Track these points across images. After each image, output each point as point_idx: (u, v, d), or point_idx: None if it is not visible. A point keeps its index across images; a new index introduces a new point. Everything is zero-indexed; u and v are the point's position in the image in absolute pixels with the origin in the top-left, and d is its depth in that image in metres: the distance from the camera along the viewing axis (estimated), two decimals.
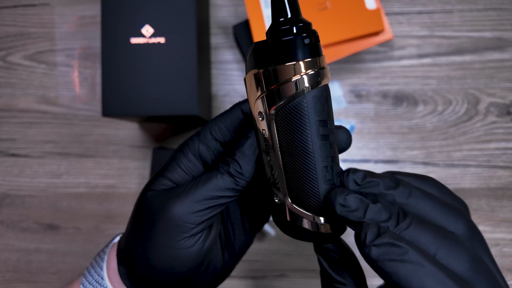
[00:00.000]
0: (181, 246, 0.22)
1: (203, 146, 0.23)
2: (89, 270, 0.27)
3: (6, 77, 0.56)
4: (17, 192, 0.56)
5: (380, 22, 0.48)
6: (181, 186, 0.23)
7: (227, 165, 0.22)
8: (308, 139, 0.19)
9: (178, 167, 0.24)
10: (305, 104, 0.19)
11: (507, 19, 0.55)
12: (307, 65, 0.19)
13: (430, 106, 0.54)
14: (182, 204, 0.22)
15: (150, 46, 0.45)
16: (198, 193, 0.22)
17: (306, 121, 0.19)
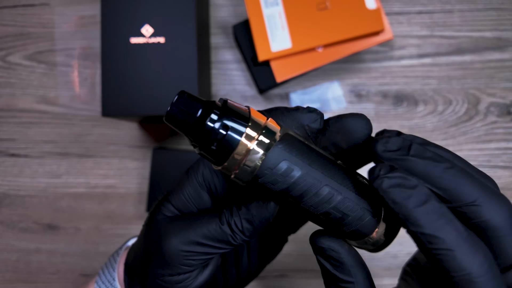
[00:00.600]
0: (170, 281, 0.22)
1: (206, 170, 0.22)
2: (103, 270, 0.28)
3: (6, 77, 0.56)
4: (16, 192, 0.56)
5: (380, 22, 0.48)
6: (180, 222, 0.22)
7: (230, 215, 0.21)
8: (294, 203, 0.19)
9: (181, 195, 0.23)
10: (265, 179, 0.18)
11: (507, 19, 0.55)
12: (241, 148, 0.17)
13: (430, 106, 0.54)
14: (175, 244, 0.21)
15: (150, 46, 0.45)
16: (193, 236, 0.21)
17: (276, 192, 0.19)
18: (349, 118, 0.20)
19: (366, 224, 0.19)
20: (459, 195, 0.17)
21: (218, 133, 0.17)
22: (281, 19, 0.49)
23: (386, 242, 0.20)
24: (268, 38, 0.49)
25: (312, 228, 0.22)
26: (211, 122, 0.17)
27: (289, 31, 0.49)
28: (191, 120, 0.17)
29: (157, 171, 0.52)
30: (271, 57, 0.49)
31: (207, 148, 0.18)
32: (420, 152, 0.18)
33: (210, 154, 0.18)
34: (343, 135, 0.20)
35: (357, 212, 0.19)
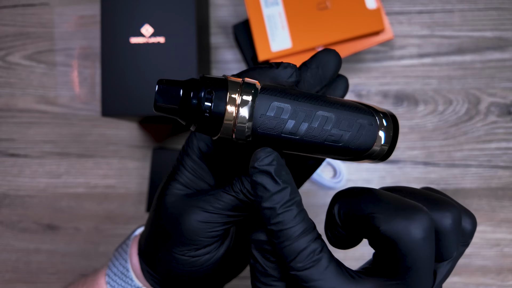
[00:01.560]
0: (196, 255, 0.23)
1: (202, 143, 0.23)
2: (113, 262, 0.28)
3: (6, 77, 0.56)
4: (16, 192, 0.56)
5: (381, 21, 0.48)
6: (193, 197, 0.23)
7: (241, 184, 0.22)
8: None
9: (184, 170, 0.24)
10: (263, 127, 0.19)
11: (508, 19, 0.55)
12: (229, 110, 0.18)
13: (430, 106, 0.54)
14: (195, 220, 0.22)
15: (150, 46, 0.45)
16: (211, 210, 0.22)
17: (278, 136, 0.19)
18: (322, 53, 0.22)
19: (367, 135, 0.20)
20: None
21: (204, 106, 0.18)
22: (281, 18, 0.49)
23: (390, 148, 0.21)
24: (268, 38, 0.49)
25: None
26: (194, 99, 0.18)
27: (289, 31, 0.49)
28: (176, 104, 0.18)
29: (157, 171, 0.52)
30: (271, 57, 0.49)
31: (200, 124, 0.18)
32: None
33: (205, 128, 0.19)
34: (321, 68, 0.21)
35: (355, 126, 0.20)
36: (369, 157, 0.21)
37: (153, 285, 0.26)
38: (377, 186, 0.55)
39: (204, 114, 0.18)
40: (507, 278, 0.53)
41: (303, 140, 0.19)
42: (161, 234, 0.24)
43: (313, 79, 0.21)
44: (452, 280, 0.53)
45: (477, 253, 0.53)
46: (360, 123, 0.20)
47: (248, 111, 0.18)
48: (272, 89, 0.19)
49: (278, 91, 0.19)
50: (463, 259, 0.53)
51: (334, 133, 0.19)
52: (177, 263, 0.23)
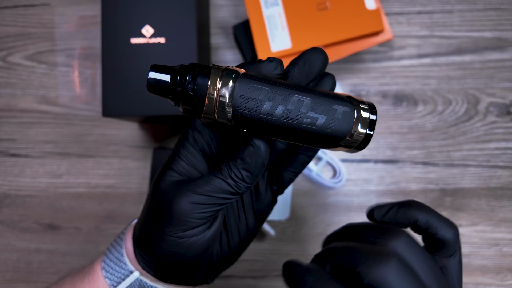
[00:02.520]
0: (185, 236, 0.24)
1: (197, 133, 0.25)
2: (110, 250, 0.29)
3: (6, 77, 0.56)
4: (17, 192, 0.56)
5: (380, 22, 0.48)
6: (185, 183, 0.24)
7: (229, 169, 0.23)
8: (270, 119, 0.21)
9: (179, 159, 0.25)
10: (242, 108, 0.21)
11: (507, 19, 0.55)
12: (210, 91, 0.21)
13: (430, 106, 0.54)
14: (185, 201, 0.23)
15: (150, 46, 0.45)
16: (201, 192, 0.23)
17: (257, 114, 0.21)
18: (310, 51, 0.23)
19: (343, 121, 0.21)
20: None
21: (188, 87, 0.20)
22: (281, 19, 0.49)
23: (366, 136, 0.22)
24: (268, 38, 0.49)
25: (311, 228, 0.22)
26: (180, 82, 0.20)
27: (289, 31, 0.49)
28: (166, 85, 0.20)
29: (157, 171, 0.53)
30: None
31: (186, 104, 0.21)
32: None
33: (190, 109, 0.21)
34: (308, 64, 0.23)
35: (331, 111, 0.21)
36: (345, 145, 0.22)
37: (145, 268, 0.28)
38: (376, 186, 0.55)
39: (189, 94, 0.20)
40: (506, 278, 0.53)
41: (280, 122, 0.21)
42: (153, 217, 0.25)
43: (300, 74, 0.23)
44: None
45: (476, 252, 0.53)
46: (337, 108, 0.21)
47: (228, 92, 0.20)
48: (253, 75, 0.21)
49: (258, 77, 0.21)
50: (463, 258, 0.53)
51: (310, 116, 0.21)
52: (166, 244, 0.25)
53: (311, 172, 0.53)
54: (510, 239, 0.54)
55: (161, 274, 0.28)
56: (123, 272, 0.28)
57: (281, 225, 0.54)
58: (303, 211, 0.54)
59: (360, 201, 0.54)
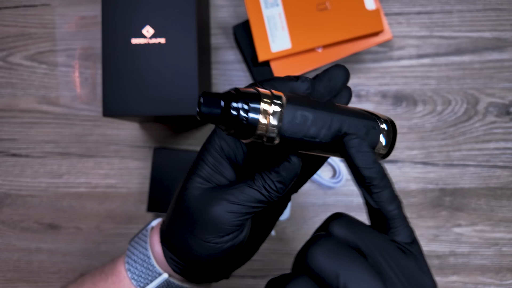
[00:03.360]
0: (221, 242, 0.26)
1: (224, 142, 0.26)
2: (131, 251, 0.30)
3: (7, 77, 0.56)
4: (18, 192, 0.56)
5: (380, 22, 0.48)
6: (218, 191, 0.25)
7: (263, 180, 0.25)
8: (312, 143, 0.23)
9: (206, 166, 0.26)
10: (289, 132, 0.22)
11: (506, 20, 0.55)
12: (262, 119, 0.22)
13: (429, 106, 0.55)
14: (223, 211, 0.25)
15: (151, 47, 0.45)
16: (236, 202, 0.25)
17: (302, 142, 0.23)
18: (335, 68, 0.25)
19: (371, 137, 0.24)
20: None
21: (241, 116, 0.21)
22: (281, 19, 0.49)
23: (390, 149, 0.25)
24: (268, 38, 0.49)
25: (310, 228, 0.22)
26: (234, 110, 0.21)
27: (289, 31, 0.49)
28: (218, 113, 0.21)
29: (157, 170, 0.53)
30: (271, 58, 0.49)
31: (238, 130, 0.22)
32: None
33: (241, 133, 0.22)
34: (332, 81, 0.25)
35: (361, 129, 0.24)
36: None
37: (176, 270, 0.29)
38: None
39: (242, 122, 0.21)
40: (505, 277, 0.53)
41: (321, 142, 0.23)
42: (188, 225, 0.26)
43: (325, 90, 0.25)
44: (450, 279, 0.54)
45: (476, 252, 0.54)
46: (366, 127, 0.24)
47: (278, 119, 0.22)
48: (295, 100, 0.23)
49: (301, 101, 0.23)
50: (462, 258, 0.54)
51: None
52: (204, 249, 0.26)
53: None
54: (510, 239, 0.54)
55: (191, 276, 0.29)
56: (150, 274, 0.29)
57: (281, 225, 0.54)
58: (303, 211, 0.54)
59: (360, 200, 0.54)
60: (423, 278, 0.21)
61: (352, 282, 0.19)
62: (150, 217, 0.55)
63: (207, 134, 0.55)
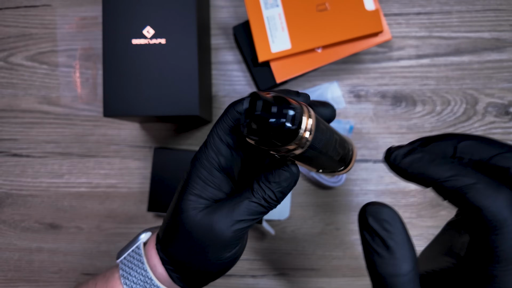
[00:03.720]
0: (227, 257, 0.26)
1: (221, 156, 0.25)
2: (128, 272, 0.29)
3: (8, 77, 0.57)
4: (19, 192, 0.56)
5: (379, 23, 0.49)
6: (219, 210, 0.25)
7: (263, 191, 0.25)
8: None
9: (200, 181, 0.26)
10: (316, 144, 0.23)
11: (505, 20, 0.55)
12: (303, 132, 0.22)
13: (428, 107, 0.55)
14: (229, 230, 0.25)
15: (151, 47, 0.45)
16: (241, 219, 0.25)
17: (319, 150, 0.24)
18: (325, 105, 0.27)
19: (346, 155, 0.27)
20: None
21: (288, 125, 0.21)
22: (280, 20, 0.49)
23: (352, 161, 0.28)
24: (268, 39, 0.49)
25: (310, 228, 0.23)
26: (284, 118, 0.21)
27: (289, 32, 0.49)
28: (274, 120, 0.21)
29: (158, 170, 0.53)
30: (271, 58, 0.49)
31: (274, 138, 0.21)
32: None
33: (270, 142, 0.22)
34: (321, 113, 0.27)
35: (348, 146, 0.27)
36: (343, 169, 0.28)
37: (181, 286, 0.29)
38: (375, 186, 0.56)
39: (285, 131, 0.21)
40: None
41: (326, 155, 0.24)
42: (193, 244, 0.26)
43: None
44: None
45: None
46: (346, 147, 0.27)
47: (311, 132, 0.22)
48: (319, 118, 0.23)
49: (321, 120, 0.24)
50: None
51: (340, 150, 0.26)
52: (212, 265, 0.26)
53: (310, 172, 0.53)
54: None
55: (191, 286, 0.29)
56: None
57: (281, 225, 0.54)
58: (302, 210, 0.54)
59: (359, 200, 0.54)
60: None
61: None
62: (151, 216, 0.55)
63: (207, 134, 0.55)
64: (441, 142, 0.22)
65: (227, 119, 0.25)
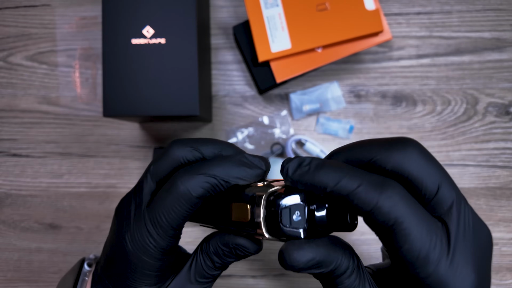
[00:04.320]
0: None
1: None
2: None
3: (8, 77, 0.57)
4: (18, 192, 0.56)
5: (379, 22, 0.49)
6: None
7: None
8: None
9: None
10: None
11: (506, 20, 0.55)
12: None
13: (429, 106, 0.55)
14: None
15: (151, 47, 0.45)
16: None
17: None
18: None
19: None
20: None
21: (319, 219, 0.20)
22: (281, 20, 0.49)
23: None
24: (268, 39, 0.49)
25: None
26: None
27: (289, 32, 0.49)
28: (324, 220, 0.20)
29: None
30: (271, 58, 0.49)
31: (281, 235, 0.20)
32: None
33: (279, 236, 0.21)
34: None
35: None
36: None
37: None
38: None
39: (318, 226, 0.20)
40: (505, 277, 0.54)
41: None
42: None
43: None
44: None
45: None
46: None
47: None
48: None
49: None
50: None
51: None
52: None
53: None
54: (509, 239, 0.54)
55: None
56: None
57: None
58: None
59: None
60: None
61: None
62: None
63: (207, 134, 0.55)
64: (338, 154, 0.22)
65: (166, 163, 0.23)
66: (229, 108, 0.55)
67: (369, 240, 0.54)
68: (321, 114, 0.55)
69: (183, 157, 0.23)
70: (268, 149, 0.55)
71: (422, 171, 0.19)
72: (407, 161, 0.19)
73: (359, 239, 0.54)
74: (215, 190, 0.22)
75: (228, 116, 0.55)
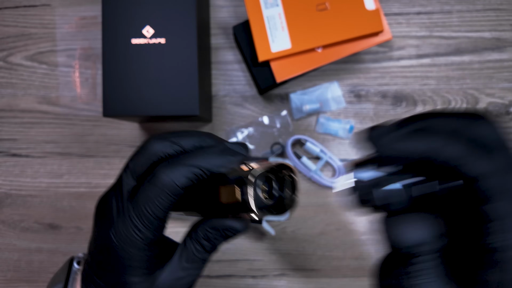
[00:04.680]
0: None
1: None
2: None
3: (7, 77, 0.57)
4: (18, 192, 0.56)
5: (380, 22, 0.49)
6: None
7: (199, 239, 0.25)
8: None
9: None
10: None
11: (506, 20, 0.55)
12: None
13: (429, 106, 0.55)
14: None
15: (151, 47, 0.45)
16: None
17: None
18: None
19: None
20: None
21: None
22: (281, 20, 0.49)
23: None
24: (268, 38, 0.49)
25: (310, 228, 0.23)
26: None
27: (289, 31, 0.49)
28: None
29: None
30: (271, 58, 0.49)
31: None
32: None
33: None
34: None
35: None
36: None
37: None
38: None
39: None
40: None
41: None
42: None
43: None
44: None
45: None
46: None
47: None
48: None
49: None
50: None
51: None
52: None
53: (310, 172, 0.53)
54: None
55: None
56: None
57: (281, 225, 0.54)
58: (303, 211, 0.54)
59: None
60: None
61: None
62: None
63: None
64: (415, 123, 0.20)
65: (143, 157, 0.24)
66: (229, 108, 0.55)
67: (369, 240, 0.54)
68: (321, 114, 0.55)
69: (162, 151, 0.23)
70: (268, 149, 0.54)
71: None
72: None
73: (359, 239, 0.54)
74: (199, 180, 0.22)
75: (228, 116, 0.55)
